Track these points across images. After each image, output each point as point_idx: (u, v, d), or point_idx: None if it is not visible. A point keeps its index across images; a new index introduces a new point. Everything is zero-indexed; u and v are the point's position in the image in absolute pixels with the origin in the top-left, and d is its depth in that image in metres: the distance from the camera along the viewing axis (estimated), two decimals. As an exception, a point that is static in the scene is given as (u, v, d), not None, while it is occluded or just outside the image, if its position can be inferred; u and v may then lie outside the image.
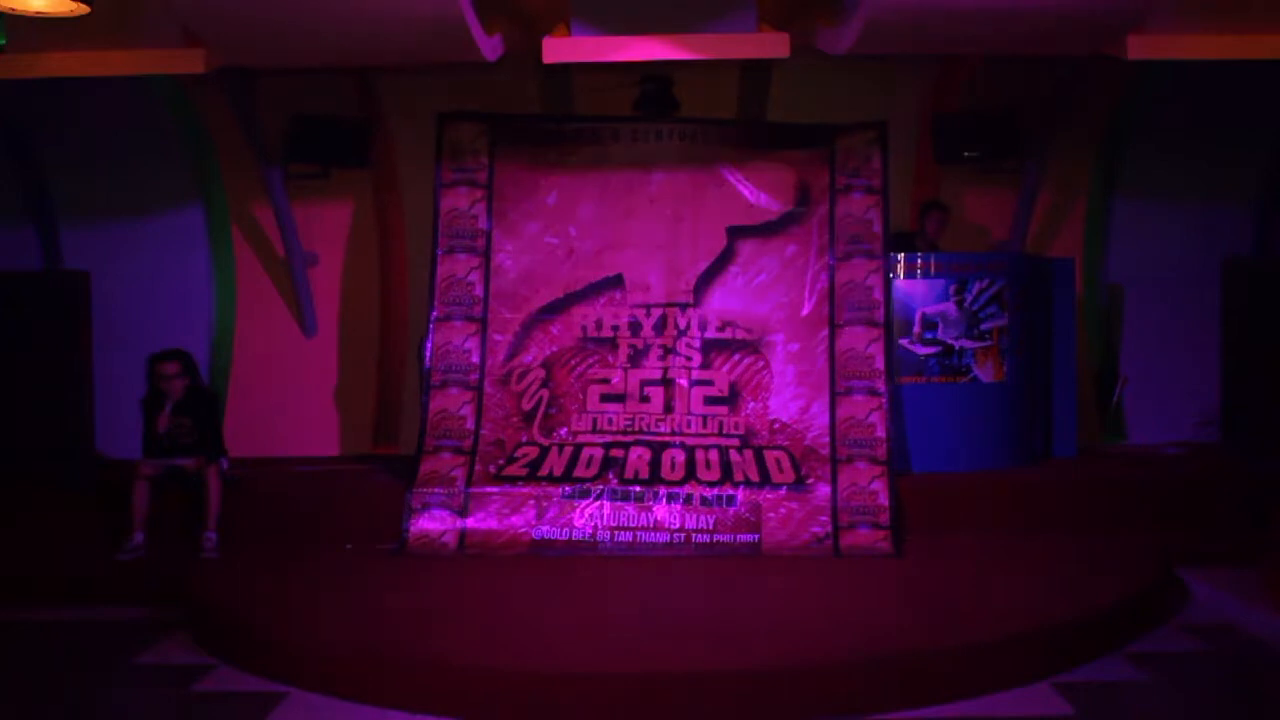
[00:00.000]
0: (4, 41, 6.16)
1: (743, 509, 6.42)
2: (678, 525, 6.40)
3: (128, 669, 5.01)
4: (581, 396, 6.92)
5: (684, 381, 6.95)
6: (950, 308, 7.18)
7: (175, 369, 6.61)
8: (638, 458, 6.69)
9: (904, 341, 7.13)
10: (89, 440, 7.68)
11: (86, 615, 5.76)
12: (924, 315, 7.16)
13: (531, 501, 6.52)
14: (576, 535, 6.41)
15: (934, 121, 8.21)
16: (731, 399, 6.91)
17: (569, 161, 7.22)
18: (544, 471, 6.65)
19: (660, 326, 7.04)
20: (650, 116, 7.41)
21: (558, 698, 4.36)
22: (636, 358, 7.00)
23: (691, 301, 7.10)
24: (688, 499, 6.48)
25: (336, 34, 6.29)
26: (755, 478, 6.55)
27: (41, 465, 7.33)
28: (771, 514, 6.40)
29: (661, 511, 6.43)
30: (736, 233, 7.18)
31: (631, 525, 6.43)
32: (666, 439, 6.78)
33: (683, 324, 7.06)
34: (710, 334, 7.04)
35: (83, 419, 7.67)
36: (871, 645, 4.64)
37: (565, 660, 4.57)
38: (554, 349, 7.02)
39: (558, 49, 6.62)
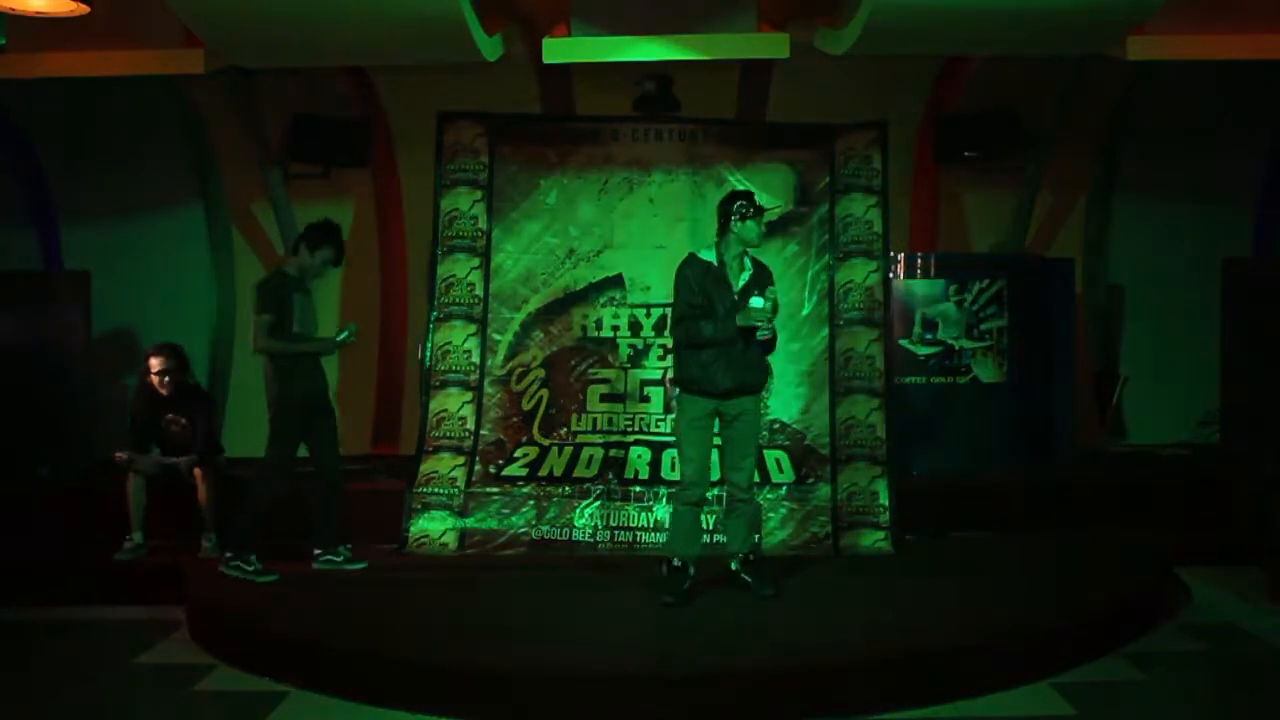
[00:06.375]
0: (4, 41, 6.17)
1: (743, 509, 6.41)
2: (678, 525, 6.39)
3: (128, 669, 5.01)
4: (581, 396, 6.90)
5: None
6: (950, 308, 7.18)
7: (160, 364, 6.31)
8: (638, 458, 6.69)
9: (904, 341, 7.13)
10: (89, 440, 7.67)
11: (86, 615, 5.76)
12: (924, 315, 7.17)
13: (531, 501, 6.51)
14: (576, 535, 6.41)
15: (934, 121, 8.22)
16: (731, 399, 6.88)
17: (569, 161, 7.21)
18: (544, 471, 6.65)
19: (660, 326, 7.02)
20: (650, 116, 7.40)
21: (559, 698, 4.36)
22: (636, 358, 6.99)
23: (691, 301, 7.07)
24: (688, 499, 6.46)
25: (336, 34, 6.29)
26: (755, 478, 6.53)
27: (42, 465, 7.33)
28: (771, 514, 6.40)
29: (662, 511, 6.42)
30: (737, 233, 7.16)
31: (631, 525, 6.43)
32: (667, 439, 6.77)
33: (683, 324, 7.04)
34: (710, 334, 7.02)
35: (82, 419, 7.67)
36: (871, 645, 4.65)
37: (565, 660, 4.57)
38: (554, 349, 7.01)
39: (558, 49, 6.63)
